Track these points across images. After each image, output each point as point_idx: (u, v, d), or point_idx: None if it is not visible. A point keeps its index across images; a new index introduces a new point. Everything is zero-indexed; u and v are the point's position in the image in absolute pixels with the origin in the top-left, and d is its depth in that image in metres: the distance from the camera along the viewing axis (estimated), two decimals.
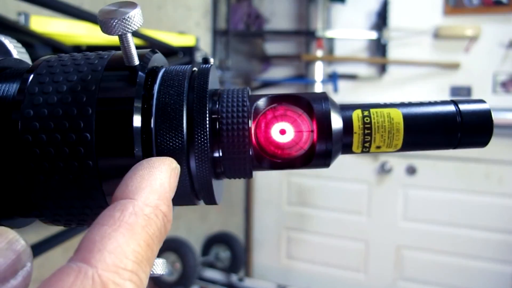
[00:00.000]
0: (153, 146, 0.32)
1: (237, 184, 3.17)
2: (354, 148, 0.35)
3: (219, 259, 2.83)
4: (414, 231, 2.89)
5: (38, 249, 1.12)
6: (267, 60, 3.16)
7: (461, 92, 2.75)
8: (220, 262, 2.83)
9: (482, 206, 2.72)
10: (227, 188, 2.85)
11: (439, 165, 2.79)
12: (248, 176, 0.35)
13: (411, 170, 2.87)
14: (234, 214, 3.25)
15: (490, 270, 2.72)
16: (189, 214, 2.65)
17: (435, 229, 2.83)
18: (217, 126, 0.33)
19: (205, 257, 2.82)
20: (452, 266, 2.80)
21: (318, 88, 2.92)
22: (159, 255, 0.28)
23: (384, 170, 2.92)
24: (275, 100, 0.35)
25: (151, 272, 0.32)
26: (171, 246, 2.36)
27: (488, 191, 2.71)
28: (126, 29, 0.30)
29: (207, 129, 0.32)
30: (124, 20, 0.30)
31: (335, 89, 2.84)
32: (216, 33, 2.77)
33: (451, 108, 0.36)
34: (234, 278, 2.65)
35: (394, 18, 2.81)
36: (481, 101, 0.36)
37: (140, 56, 0.33)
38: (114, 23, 0.30)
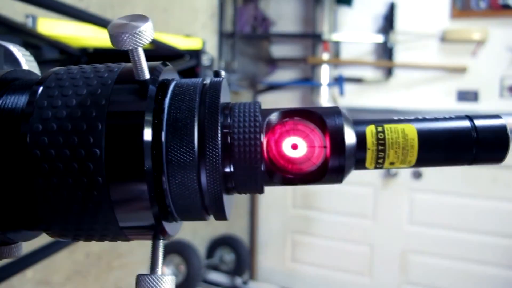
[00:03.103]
0: (164, 161, 0.31)
1: None
2: (367, 164, 0.35)
3: (224, 262, 2.83)
4: (420, 235, 2.87)
5: (44, 252, 1.11)
6: (273, 63, 3.15)
7: (467, 96, 2.73)
8: (225, 265, 2.82)
9: (489, 210, 2.70)
10: None
11: (445, 169, 2.77)
12: (259, 191, 0.34)
13: (417, 174, 2.86)
14: (239, 217, 3.24)
15: (497, 275, 2.70)
16: None
17: (441, 233, 2.81)
18: (229, 141, 0.33)
19: (209, 259, 2.82)
20: (458, 271, 2.78)
21: (324, 91, 2.91)
22: (164, 258, 0.27)
23: (390, 174, 2.91)
24: (287, 114, 0.35)
25: None
26: (175, 249, 2.36)
27: (495, 195, 2.69)
28: (137, 43, 0.30)
29: (219, 144, 0.31)
30: (135, 35, 0.29)
31: (341, 92, 2.83)
32: (223, 36, 2.77)
33: (466, 123, 0.35)
34: (238, 281, 2.65)
35: (401, 21, 2.80)
36: (497, 116, 0.36)
37: (150, 69, 0.32)
38: (125, 38, 0.29)
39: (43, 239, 1.10)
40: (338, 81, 2.87)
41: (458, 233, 2.77)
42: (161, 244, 0.34)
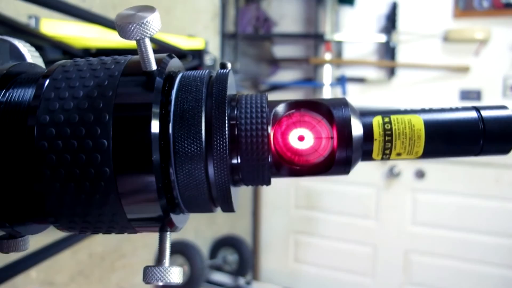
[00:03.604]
0: (171, 153, 0.31)
1: (245, 187, 3.17)
2: (374, 155, 0.35)
3: (227, 262, 2.82)
4: (423, 236, 2.87)
5: (47, 252, 1.11)
6: (275, 63, 3.15)
7: (470, 96, 2.73)
8: (228, 265, 2.82)
9: (492, 210, 2.69)
10: None
11: (448, 169, 2.77)
12: (266, 183, 0.34)
13: (420, 174, 2.85)
14: (242, 217, 3.24)
15: (500, 276, 2.69)
16: (197, 217, 2.65)
17: (444, 233, 2.80)
18: (236, 133, 0.33)
19: (212, 260, 2.81)
20: (461, 271, 2.77)
21: (326, 91, 2.91)
22: None
23: (392, 174, 2.90)
24: (294, 106, 0.35)
25: (168, 281, 0.31)
26: (178, 249, 2.36)
27: (498, 195, 2.68)
28: (144, 34, 0.29)
29: (226, 135, 0.31)
30: (142, 25, 0.29)
31: (344, 93, 2.83)
32: (225, 36, 2.77)
33: (473, 114, 0.35)
34: (241, 281, 2.64)
35: (403, 21, 2.80)
36: (503, 107, 0.36)
37: (157, 61, 0.32)
38: (132, 28, 0.29)
39: (46, 239, 1.10)
40: (341, 81, 2.87)
41: (461, 233, 2.76)
42: (169, 236, 0.33)
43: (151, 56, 0.31)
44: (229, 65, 0.36)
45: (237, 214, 3.16)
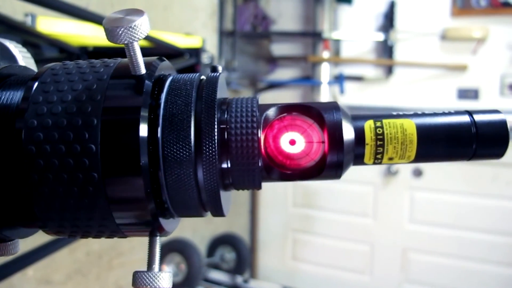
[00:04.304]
0: (160, 157, 0.31)
1: None
2: (366, 160, 0.34)
3: (224, 261, 2.82)
4: (420, 234, 2.87)
5: (44, 250, 1.11)
6: (273, 61, 3.15)
7: (468, 94, 2.73)
8: (225, 264, 2.82)
9: (489, 209, 2.70)
10: None
11: (445, 167, 2.77)
12: (257, 187, 0.34)
13: (418, 172, 2.86)
14: (239, 215, 3.24)
15: (497, 274, 2.70)
16: None
17: (441, 231, 2.81)
18: (226, 137, 0.32)
19: (210, 258, 2.81)
20: (458, 269, 2.78)
21: (324, 89, 2.90)
22: (165, 257, 0.27)
23: (390, 172, 2.90)
24: (285, 109, 0.34)
25: (157, 286, 0.31)
26: (176, 247, 2.35)
27: (496, 194, 2.69)
28: (133, 37, 0.29)
29: (215, 140, 0.31)
30: (130, 29, 0.29)
31: (342, 91, 2.83)
32: (223, 34, 2.77)
33: (465, 118, 0.35)
34: (239, 279, 2.64)
35: (401, 19, 2.80)
36: (496, 111, 0.36)
37: (147, 64, 0.32)
38: (120, 32, 0.29)
39: (43, 238, 1.10)
40: (339, 79, 2.86)
41: (458, 231, 2.76)
42: (158, 240, 0.33)
43: (140, 60, 0.31)
44: (220, 68, 0.36)
45: (235, 212, 3.16)
